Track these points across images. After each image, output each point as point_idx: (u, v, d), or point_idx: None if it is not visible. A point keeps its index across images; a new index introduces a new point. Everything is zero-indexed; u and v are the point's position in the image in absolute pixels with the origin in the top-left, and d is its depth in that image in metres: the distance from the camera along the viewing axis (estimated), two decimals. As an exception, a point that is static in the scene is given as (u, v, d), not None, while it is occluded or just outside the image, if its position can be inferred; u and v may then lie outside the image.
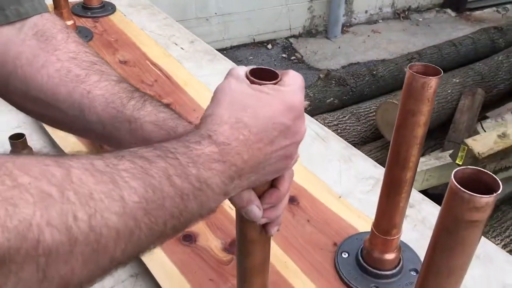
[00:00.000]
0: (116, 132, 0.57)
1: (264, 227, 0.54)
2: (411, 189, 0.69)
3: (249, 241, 0.56)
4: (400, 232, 0.74)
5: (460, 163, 1.85)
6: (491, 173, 0.43)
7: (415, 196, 0.97)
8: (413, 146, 0.63)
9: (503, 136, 1.92)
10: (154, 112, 0.56)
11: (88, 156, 0.35)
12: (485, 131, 2.20)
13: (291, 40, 4.13)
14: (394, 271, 0.76)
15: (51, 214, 0.30)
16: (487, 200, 0.41)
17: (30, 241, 0.29)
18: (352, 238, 0.84)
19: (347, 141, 1.17)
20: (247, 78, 0.48)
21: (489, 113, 2.60)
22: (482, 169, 0.44)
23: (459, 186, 0.42)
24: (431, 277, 0.48)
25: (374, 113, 2.57)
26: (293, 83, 0.47)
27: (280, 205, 0.52)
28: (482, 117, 2.55)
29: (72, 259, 0.32)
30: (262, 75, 0.48)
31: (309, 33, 4.22)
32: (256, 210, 0.49)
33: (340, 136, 1.35)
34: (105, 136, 0.59)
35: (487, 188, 0.43)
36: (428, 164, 2.03)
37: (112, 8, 1.61)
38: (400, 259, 0.77)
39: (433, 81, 0.57)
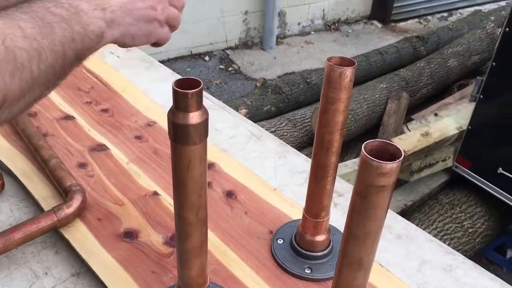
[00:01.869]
0: None
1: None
2: (335, 173, 0.75)
3: (187, 223, 0.60)
4: (329, 215, 0.80)
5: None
6: (395, 144, 0.50)
7: (345, 186, 1.04)
8: (335, 131, 0.69)
9: (425, 135, 2.07)
10: None
11: None
12: (410, 132, 2.36)
13: (228, 51, 4.21)
14: (325, 252, 0.82)
15: None
16: (392, 165, 0.48)
17: None
18: (287, 225, 0.89)
19: (281, 140, 1.23)
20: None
21: (414, 115, 2.78)
22: (387, 141, 0.51)
23: (368, 155, 0.48)
24: (350, 241, 0.54)
25: (310, 119, 2.68)
26: None
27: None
28: (408, 119, 2.72)
29: (1, 73, 0.41)
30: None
31: (245, 44, 4.32)
32: None
33: (275, 137, 1.41)
34: None
35: (392, 156, 0.49)
36: (360, 164, 2.14)
37: (44, 18, 1.59)
38: (330, 241, 0.83)
39: (348, 71, 0.64)
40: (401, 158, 0.48)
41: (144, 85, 1.33)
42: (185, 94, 0.51)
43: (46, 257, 0.82)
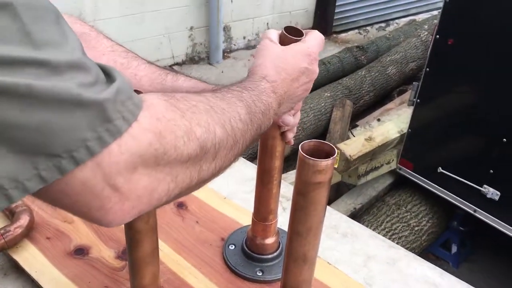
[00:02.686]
0: None
1: (284, 133, 0.73)
2: (280, 177, 0.79)
3: (136, 231, 0.61)
4: (276, 218, 0.83)
5: (336, 166, 2.04)
6: (329, 143, 0.54)
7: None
8: (277, 136, 0.73)
9: (369, 139, 2.16)
10: (187, 80, 0.71)
11: (210, 94, 0.53)
12: (355, 137, 2.45)
13: (175, 67, 4.20)
14: (275, 254, 0.85)
15: (215, 119, 0.48)
16: (327, 163, 0.52)
17: (212, 133, 0.46)
18: (237, 231, 0.91)
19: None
20: (283, 35, 0.65)
21: (358, 121, 2.89)
22: (322, 141, 0.54)
23: (305, 155, 0.52)
24: (294, 238, 0.58)
25: (258, 130, 2.73)
26: (309, 38, 0.66)
27: (297, 114, 0.73)
28: (353, 126, 2.82)
29: (226, 148, 0.49)
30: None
31: (192, 60, 4.34)
32: (289, 117, 0.69)
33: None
34: None
35: (327, 155, 0.53)
36: (310, 171, 2.19)
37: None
38: (279, 243, 0.86)
39: (284, 79, 0.67)
40: (335, 156, 0.52)
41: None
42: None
43: (-7, 280, 0.80)
